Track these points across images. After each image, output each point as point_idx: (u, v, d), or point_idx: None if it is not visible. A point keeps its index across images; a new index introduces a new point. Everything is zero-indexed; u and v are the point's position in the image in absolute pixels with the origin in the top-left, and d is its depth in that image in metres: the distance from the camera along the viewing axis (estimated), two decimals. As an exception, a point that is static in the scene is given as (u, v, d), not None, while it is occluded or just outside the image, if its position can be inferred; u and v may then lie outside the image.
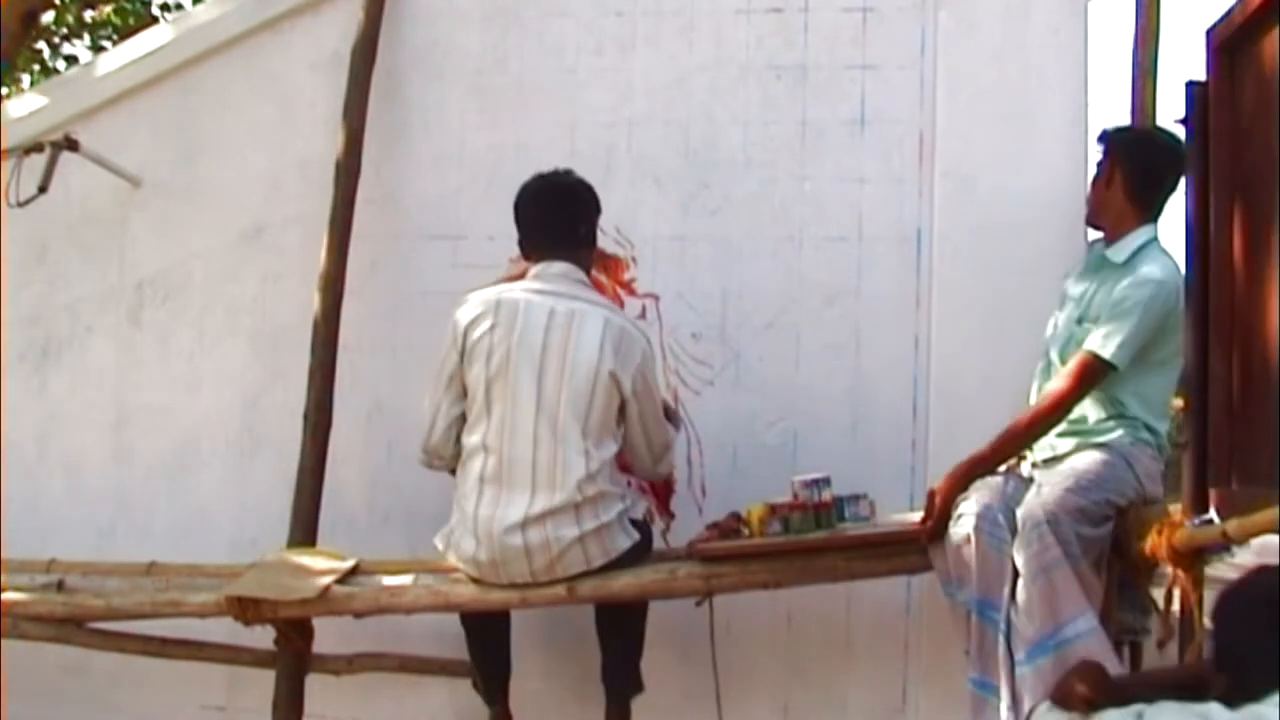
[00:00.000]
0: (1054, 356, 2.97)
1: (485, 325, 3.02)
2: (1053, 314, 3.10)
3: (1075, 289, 2.99)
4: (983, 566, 2.65)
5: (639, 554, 3.07)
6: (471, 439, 3.02)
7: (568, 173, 3.22)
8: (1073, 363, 2.83)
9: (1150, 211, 2.97)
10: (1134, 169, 2.95)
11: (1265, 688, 1.87)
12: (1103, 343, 2.78)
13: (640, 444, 3.12)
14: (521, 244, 3.19)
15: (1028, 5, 3.51)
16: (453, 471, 3.12)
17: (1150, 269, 2.84)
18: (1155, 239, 2.95)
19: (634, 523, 3.06)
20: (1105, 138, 3.04)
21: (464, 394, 3.07)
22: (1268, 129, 2.88)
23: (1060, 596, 2.57)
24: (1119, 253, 2.91)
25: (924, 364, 3.50)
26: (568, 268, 3.10)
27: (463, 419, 3.08)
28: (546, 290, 3.06)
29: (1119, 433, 2.84)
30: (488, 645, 3.22)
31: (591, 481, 2.93)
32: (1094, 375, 2.80)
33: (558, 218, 3.15)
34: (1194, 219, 3.17)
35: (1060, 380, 2.84)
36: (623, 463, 3.17)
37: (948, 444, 3.21)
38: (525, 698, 3.27)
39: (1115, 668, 2.50)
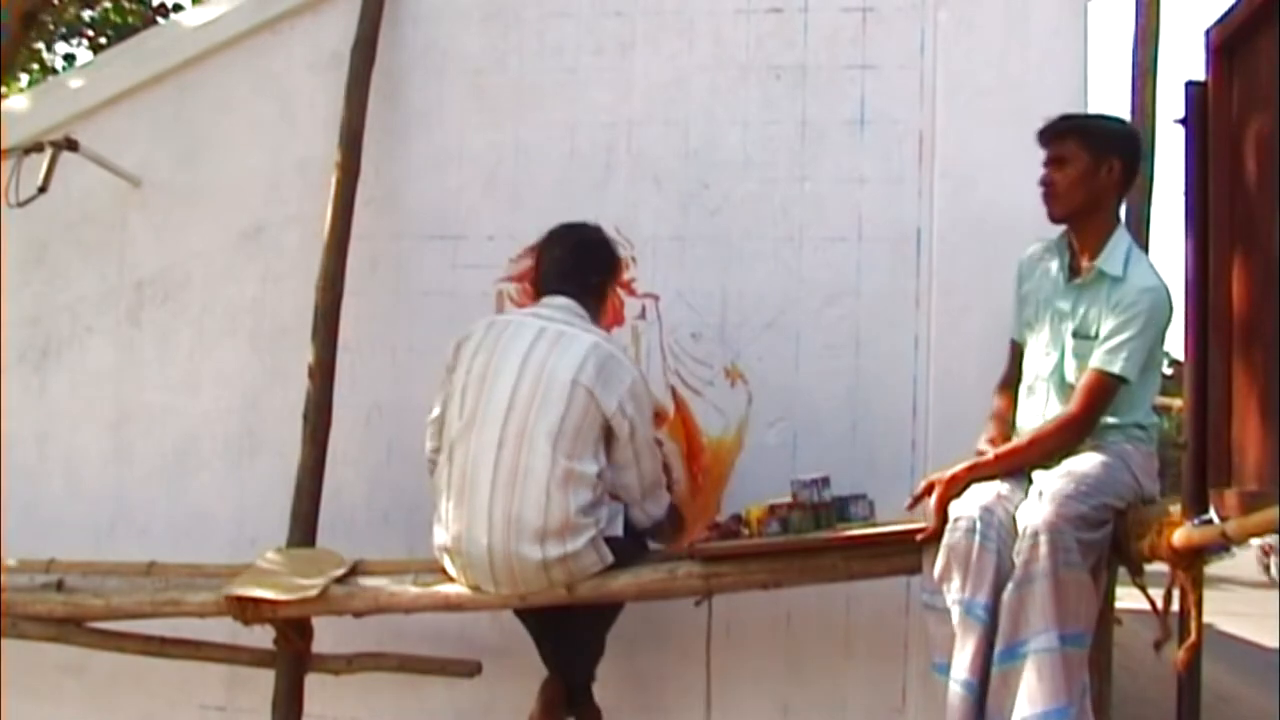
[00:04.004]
0: (1047, 376, 2.91)
1: (476, 336, 3.09)
2: (1022, 320, 3.03)
3: (1063, 303, 2.91)
4: (978, 567, 2.64)
5: (627, 563, 3.03)
6: (447, 439, 3.05)
7: (595, 228, 3.26)
8: (1083, 385, 2.79)
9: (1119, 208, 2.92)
10: (1129, 160, 2.86)
11: None
12: (1110, 358, 2.75)
13: (630, 471, 3.06)
14: (537, 285, 3.23)
15: (1028, 5, 3.52)
16: None
17: (1146, 276, 2.80)
18: (1132, 240, 2.91)
19: (610, 541, 2.99)
20: (1090, 127, 2.86)
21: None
22: (1266, 129, 2.88)
23: (1058, 602, 2.55)
24: (1112, 264, 2.82)
25: (924, 364, 3.50)
26: (569, 302, 3.12)
27: None
28: (542, 314, 3.10)
29: (1113, 432, 2.83)
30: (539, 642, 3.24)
31: (557, 499, 2.89)
32: (1107, 393, 2.77)
33: (571, 263, 3.17)
34: (1193, 218, 3.16)
35: (1073, 404, 2.80)
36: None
37: (947, 444, 3.21)
38: (525, 696, 3.26)
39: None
